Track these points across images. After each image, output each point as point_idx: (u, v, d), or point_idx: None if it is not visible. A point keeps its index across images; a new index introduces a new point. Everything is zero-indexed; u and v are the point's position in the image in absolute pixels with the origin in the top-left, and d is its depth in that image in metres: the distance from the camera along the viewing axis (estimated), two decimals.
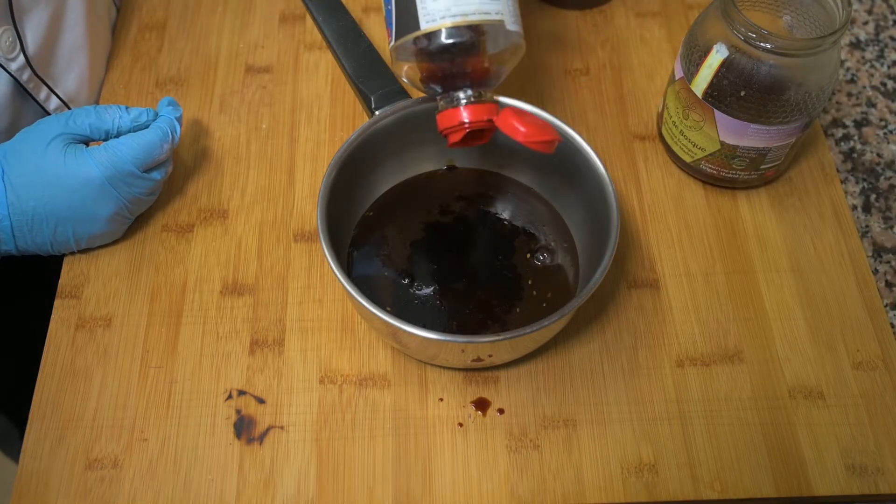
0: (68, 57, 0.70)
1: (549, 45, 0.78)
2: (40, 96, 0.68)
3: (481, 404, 0.60)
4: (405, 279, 0.63)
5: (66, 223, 0.61)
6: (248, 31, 0.78)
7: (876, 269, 0.67)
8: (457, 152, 0.67)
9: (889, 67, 0.78)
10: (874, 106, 0.76)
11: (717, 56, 0.61)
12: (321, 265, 0.66)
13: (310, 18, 0.77)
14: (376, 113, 0.63)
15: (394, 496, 0.57)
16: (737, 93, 0.61)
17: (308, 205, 0.69)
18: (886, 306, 0.65)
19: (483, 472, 0.58)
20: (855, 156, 0.73)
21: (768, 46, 0.59)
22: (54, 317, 0.64)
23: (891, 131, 0.74)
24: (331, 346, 0.62)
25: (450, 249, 0.65)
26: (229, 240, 0.67)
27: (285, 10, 0.80)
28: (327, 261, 0.56)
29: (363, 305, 0.54)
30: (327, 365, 0.62)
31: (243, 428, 0.59)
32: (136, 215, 0.66)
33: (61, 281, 0.65)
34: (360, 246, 0.65)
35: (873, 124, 0.75)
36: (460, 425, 0.60)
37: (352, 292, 0.55)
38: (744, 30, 0.59)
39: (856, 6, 0.82)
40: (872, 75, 0.78)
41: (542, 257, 0.64)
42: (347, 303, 0.64)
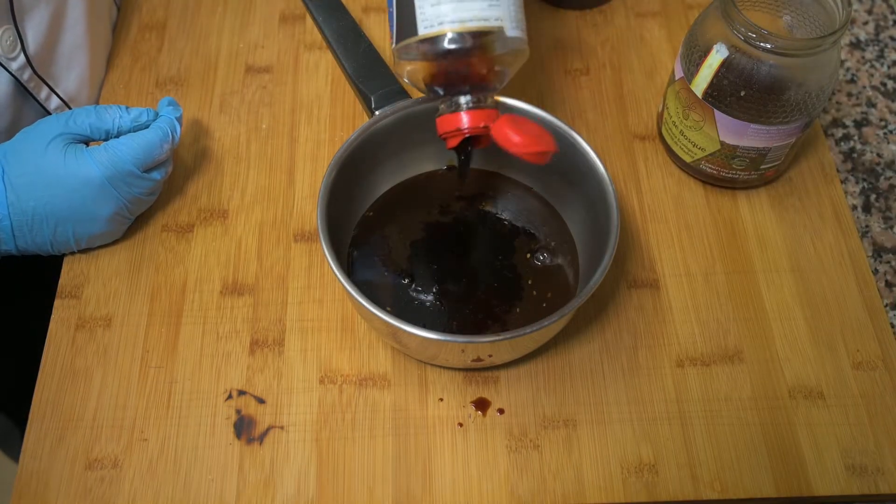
0: (69, 56, 0.70)
1: (549, 45, 0.78)
2: (41, 96, 0.68)
3: (481, 404, 0.60)
4: (405, 279, 0.63)
5: (66, 223, 0.61)
6: (248, 31, 0.78)
7: (876, 269, 0.67)
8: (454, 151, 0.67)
9: (889, 67, 0.78)
10: (874, 106, 0.76)
11: (717, 56, 0.61)
12: (321, 265, 0.66)
13: (310, 18, 0.77)
14: (376, 113, 0.63)
15: (394, 496, 0.57)
16: (737, 93, 0.61)
17: (308, 205, 0.69)
18: (886, 306, 0.65)
19: (483, 472, 0.58)
20: (855, 156, 0.73)
21: (768, 46, 0.59)
22: (54, 317, 0.64)
23: (891, 131, 0.74)
24: (331, 346, 0.62)
25: (450, 249, 0.65)
26: (229, 240, 0.67)
27: (285, 10, 0.80)
28: (327, 261, 0.56)
29: (363, 305, 0.54)
30: (327, 365, 0.62)
31: (243, 428, 0.59)
32: (136, 215, 0.66)
33: (61, 281, 0.65)
34: (360, 246, 0.65)
35: (873, 124, 0.75)
36: (460, 425, 0.60)
37: (352, 292, 0.55)
38: (744, 30, 0.59)
39: (856, 6, 0.82)
40: (872, 75, 0.78)
41: (542, 257, 0.64)
42: (347, 303, 0.64)
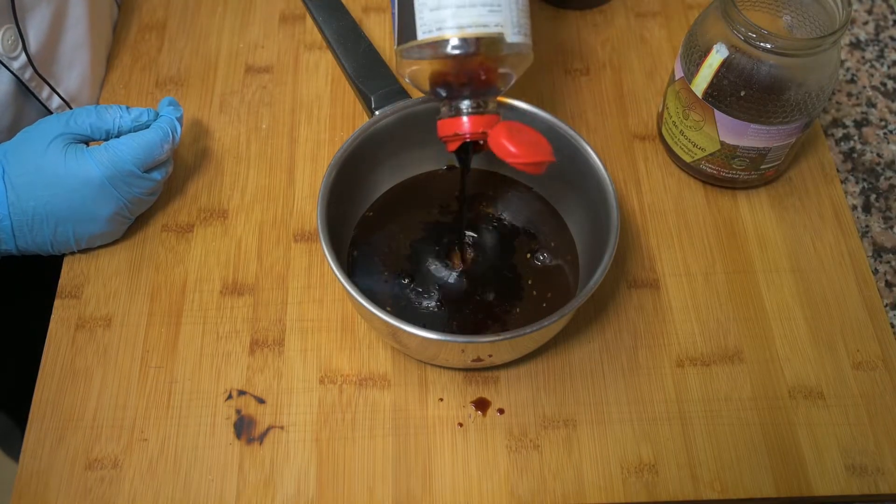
0: (70, 56, 0.70)
1: (549, 45, 0.78)
2: (42, 95, 0.68)
3: (481, 404, 0.60)
4: (405, 279, 0.63)
5: (66, 223, 0.61)
6: (248, 31, 0.78)
7: (876, 269, 0.67)
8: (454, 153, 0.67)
9: (889, 67, 0.78)
10: (874, 106, 0.76)
11: (717, 56, 0.61)
12: (321, 265, 0.66)
13: (310, 18, 0.77)
14: (376, 113, 0.63)
15: (394, 496, 0.57)
16: (737, 93, 0.61)
17: (308, 205, 0.69)
18: (886, 306, 0.65)
19: (483, 472, 0.58)
20: (855, 156, 0.73)
21: (768, 46, 0.59)
22: (54, 317, 0.64)
23: (891, 131, 0.74)
24: (331, 346, 0.62)
25: (450, 250, 0.65)
26: (229, 240, 0.67)
27: (285, 10, 0.80)
28: (327, 261, 0.56)
29: (363, 305, 0.54)
30: (327, 365, 0.62)
31: (243, 428, 0.59)
32: (137, 215, 0.66)
33: (61, 281, 0.65)
34: (360, 246, 0.65)
35: (873, 124, 0.75)
36: (460, 425, 0.60)
37: (352, 292, 0.55)
38: (744, 30, 0.59)
39: (856, 6, 0.82)
40: (872, 75, 0.78)
41: (542, 257, 0.64)
42: (347, 303, 0.64)
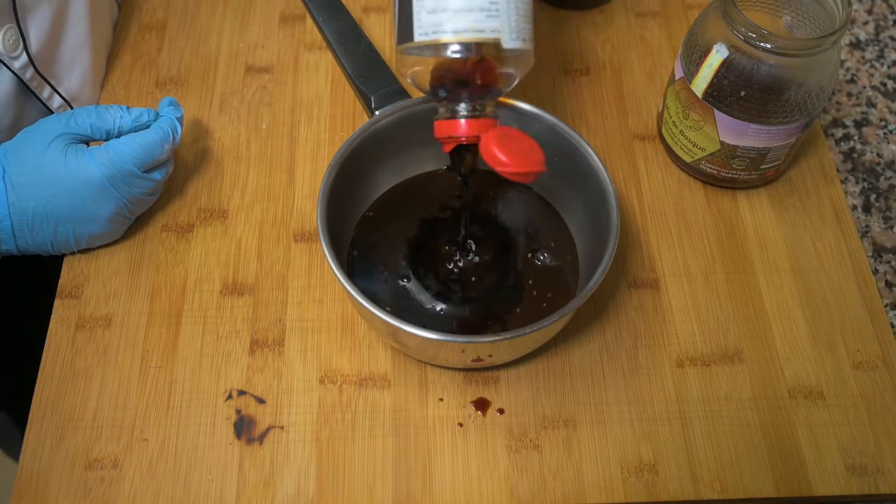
0: (71, 55, 0.70)
1: (549, 45, 0.78)
2: (43, 95, 0.68)
3: (481, 404, 0.60)
4: (405, 279, 0.63)
5: (66, 223, 0.61)
6: (248, 31, 0.78)
7: (876, 269, 0.67)
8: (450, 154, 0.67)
9: (889, 67, 0.78)
10: (874, 106, 0.76)
11: (717, 56, 0.61)
12: (321, 265, 0.66)
13: (310, 18, 0.77)
14: (376, 113, 0.63)
15: (394, 496, 0.57)
16: (737, 93, 0.61)
17: (308, 205, 0.69)
18: (886, 306, 0.65)
19: (483, 472, 0.58)
20: (855, 156, 0.73)
21: (768, 46, 0.59)
22: (54, 317, 0.64)
23: (891, 131, 0.74)
24: (331, 346, 0.62)
25: (450, 249, 0.65)
26: (229, 240, 0.67)
27: (285, 10, 0.80)
28: (327, 261, 0.56)
29: (363, 305, 0.54)
30: (327, 365, 0.62)
31: (243, 428, 0.59)
32: (137, 215, 0.66)
33: (61, 281, 0.65)
34: (360, 246, 0.65)
35: (873, 124, 0.75)
36: (460, 425, 0.60)
37: (352, 292, 0.55)
38: (744, 30, 0.59)
39: (856, 6, 0.82)
40: (872, 75, 0.78)
41: (542, 257, 0.64)
42: (347, 303, 0.64)
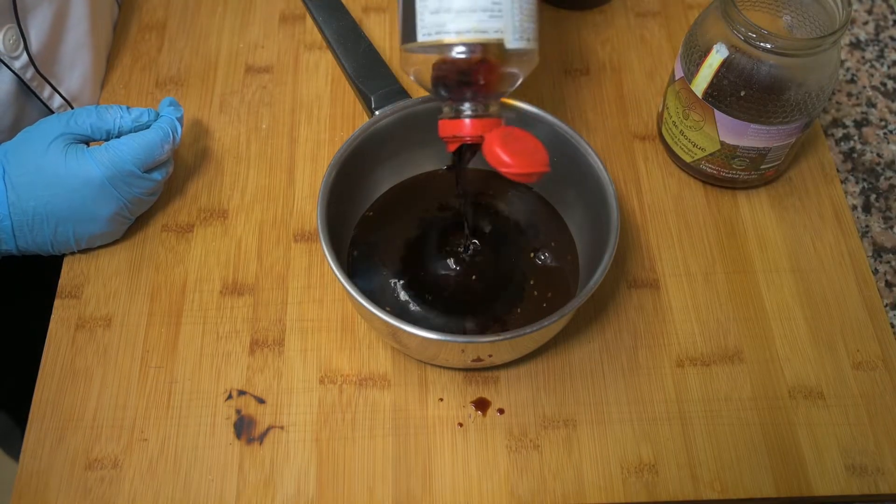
0: (72, 55, 0.70)
1: (549, 45, 0.78)
2: (44, 95, 0.68)
3: (481, 404, 0.60)
4: (405, 279, 0.63)
5: (66, 223, 0.61)
6: (248, 31, 0.78)
7: (876, 269, 0.67)
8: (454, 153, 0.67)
9: (889, 67, 0.78)
10: (874, 106, 0.76)
11: (717, 56, 0.61)
12: (321, 265, 0.66)
13: (310, 18, 0.77)
14: (376, 113, 0.63)
15: (394, 496, 0.57)
16: (737, 93, 0.61)
17: (308, 205, 0.69)
18: (886, 306, 0.65)
19: (483, 472, 0.58)
20: (855, 156, 0.73)
21: (768, 46, 0.59)
22: (54, 317, 0.64)
23: (891, 131, 0.74)
24: (331, 346, 0.62)
25: (450, 249, 0.65)
26: (229, 240, 0.67)
27: (285, 10, 0.80)
28: (327, 261, 0.56)
29: (363, 305, 0.54)
30: (327, 365, 0.62)
31: (243, 428, 0.59)
32: (137, 215, 0.66)
33: (61, 281, 0.65)
34: (360, 246, 0.65)
35: (873, 124, 0.75)
36: (460, 425, 0.60)
37: (352, 292, 0.55)
38: (744, 30, 0.59)
39: (856, 6, 0.82)
40: (872, 75, 0.78)
41: (542, 257, 0.64)
42: (347, 303, 0.64)
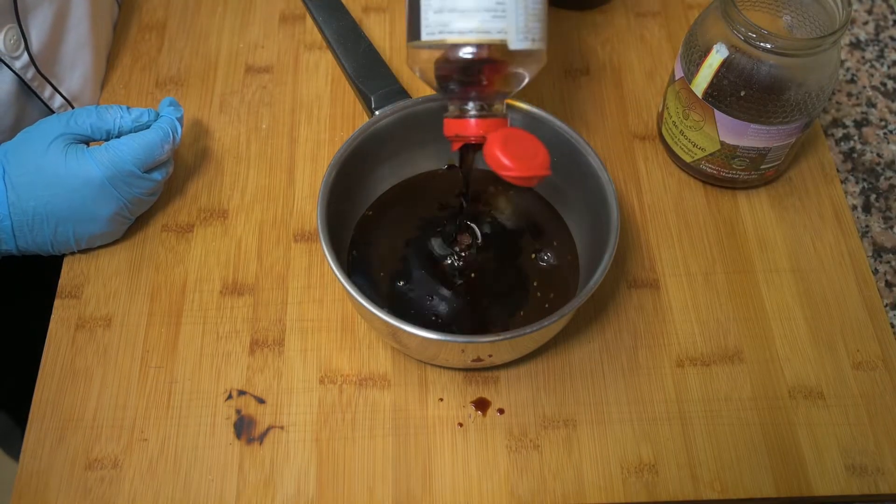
0: (72, 55, 0.70)
1: (549, 45, 0.77)
2: (44, 95, 0.68)
3: (481, 404, 0.60)
4: (405, 279, 0.63)
5: (66, 223, 0.61)
6: (248, 31, 0.78)
7: (876, 269, 0.67)
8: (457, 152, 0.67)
9: (889, 67, 0.78)
10: (874, 106, 0.76)
11: (717, 56, 0.61)
12: (321, 265, 0.66)
13: (310, 18, 0.77)
14: (376, 113, 0.63)
15: (394, 496, 0.57)
16: (737, 93, 0.61)
17: (308, 205, 0.69)
18: (886, 306, 0.65)
19: (483, 472, 0.58)
20: (855, 156, 0.73)
21: (768, 46, 0.59)
22: (54, 317, 0.64)
23: (891, 131, 0.74)
24: (331, 346, 0.62)
25: (449, 249, 0.65)
26: (229, 240, 0.67)
27: (285, 10, 0.80)
28: (327, 261, 0.56)
29: (363, 305, 0.54)
30: (327, 365, 0.62)
31: (243, 428, 0.59)
32: (137, 216, 0.66)
33: (61, 281, 0.65)
34: (360, 246, 0.65)
35: (873, 124, 0.75)
36: (460, 425, 0.60)
37: (352, 292, 0.55)
38: (744, 30, 0.59)
39: (856, 6, 0.82)
40: (872, 75, 0.78)
41: (542, 258, 0.64)
42: (347, 303, 0.64)
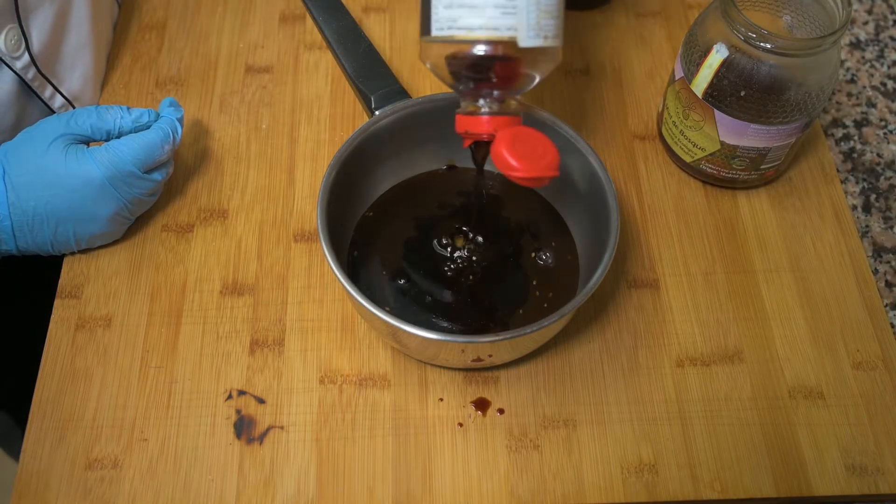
0: (73, 55, 0.70)
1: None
2: (45, 95, 0.68)
3: (481, 404, 0.60)
4: (405, 279, 0.63)
5: (66, 223, 0.61)
6: (248, 31, 0.78)
7: (876, 269, 0.67)
8: (457, 152, 0.67)
9: (889, 67, 0.78)
10: (874, 106, 0.76)
11: (717, 56, 0.61)
12: (321, 265, 0.66)
13: (310, 18, 0.77)
14: (376, 113, 0.63)
15: (394, 496, 0.57)
16: (737, 93, 0.61)
17: (308, 205, 0.69)
18: (886, 306, 0.65)
19: (483, 472, 0.58)
20: (855, 156, 0.73)
21: (768, 46, 0.59)
22: (54, 317, 0.64)
23: (891, 131, 0.74)
24: (331, 346, 0.62)
25: (450, 249, 0.65)
26: (229, 240, 0.67)
27: (285, 10, 0.80)
28: (327, 261, 0.56)
29: (363, 305, 0.54)
30: (327, 365, 0.62)
31: (243, 428, 0.59)
32: (137, 216, 0.66)
33: (61, 281, 0.65)
34: (360, 246, 0.65)
35: (873, 124, 0.75)
36: (460, 425, 0.60)
37: (352, 292, 0.55)
38: (744, 30, 0.59)
39: (856, 6, 0.82)
40: (872, 75, 0.78)
41: (542, 257, 0.64)
42: (347, 303, 0.64)
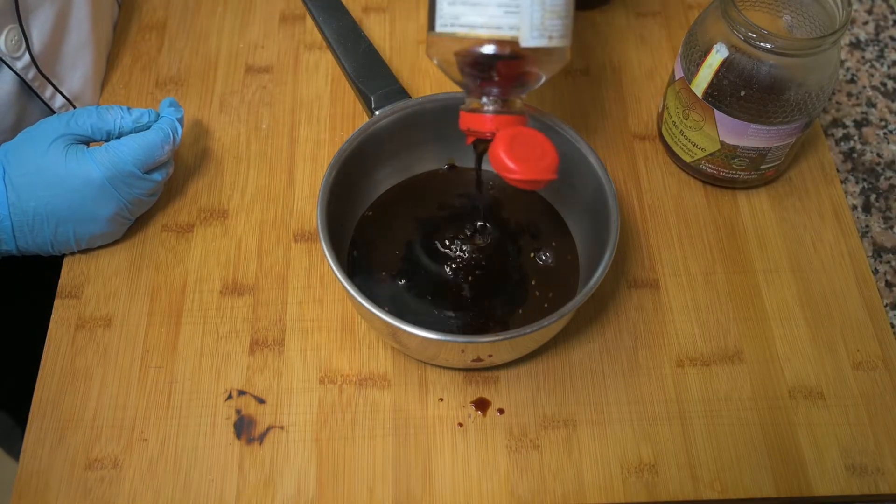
0: (73, 56, 0.70)
1: None
2: (45, 95, 0.68)
3: (481, 404, 0.60)
4: (405, 279, 0.63)
5: (66, 223, 0.61)
6: (248, 31, 0.78)
7: (876, 269, 0.67)
8: (457, 152, 0.67)
9: (889, 67, 0.78)
10: (874, 106, 0.76)
11: (717, 56, 0.61)
12: (321, 265, 0.66)
13: (310, 18, 0.77)
14: (376, 113, 0.63)
15: (394, 496, 0.57)
16: (737, 93, 0.61)
17: (308, 205, 0.69)
18: (886, 306, 0.65)
19: (483, 472, 0.58)
20: (855, 156, 0.73)
21: (768, 46, 0.59)
22: (54, 317, 0.64)
23: (891, 131, 0.74)
24: (331, 346, 0.62)
25: (450, 249, 0.65)
26: (229, 240, 0.67)
27: (285, 10, 0.80)
28: (327, 261, 0.56)
29: (363, 305, 0.54)
30: (327, 365, 0.62)
31: (243, 428, 0.59)
32: (137, 216, 0.66)
33: (61, 281, 0.65)
34: (360, 246, 0.65)
35: (873, 124, 0.75)
36: (460, 425, 0.60)
37: (352, 292, 0.55)
38: (744, 30, 0.59)
39: (856, 6, 0.82)
40: (872, 75, 0.78)
41: (542, 257, 0.64)
42: (347, 303, 0.64)
